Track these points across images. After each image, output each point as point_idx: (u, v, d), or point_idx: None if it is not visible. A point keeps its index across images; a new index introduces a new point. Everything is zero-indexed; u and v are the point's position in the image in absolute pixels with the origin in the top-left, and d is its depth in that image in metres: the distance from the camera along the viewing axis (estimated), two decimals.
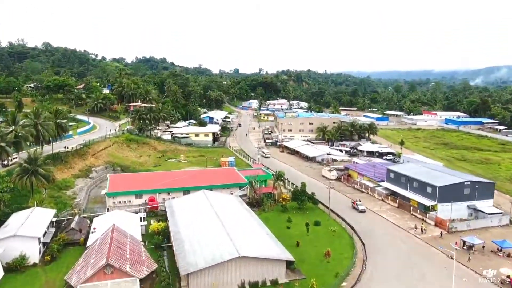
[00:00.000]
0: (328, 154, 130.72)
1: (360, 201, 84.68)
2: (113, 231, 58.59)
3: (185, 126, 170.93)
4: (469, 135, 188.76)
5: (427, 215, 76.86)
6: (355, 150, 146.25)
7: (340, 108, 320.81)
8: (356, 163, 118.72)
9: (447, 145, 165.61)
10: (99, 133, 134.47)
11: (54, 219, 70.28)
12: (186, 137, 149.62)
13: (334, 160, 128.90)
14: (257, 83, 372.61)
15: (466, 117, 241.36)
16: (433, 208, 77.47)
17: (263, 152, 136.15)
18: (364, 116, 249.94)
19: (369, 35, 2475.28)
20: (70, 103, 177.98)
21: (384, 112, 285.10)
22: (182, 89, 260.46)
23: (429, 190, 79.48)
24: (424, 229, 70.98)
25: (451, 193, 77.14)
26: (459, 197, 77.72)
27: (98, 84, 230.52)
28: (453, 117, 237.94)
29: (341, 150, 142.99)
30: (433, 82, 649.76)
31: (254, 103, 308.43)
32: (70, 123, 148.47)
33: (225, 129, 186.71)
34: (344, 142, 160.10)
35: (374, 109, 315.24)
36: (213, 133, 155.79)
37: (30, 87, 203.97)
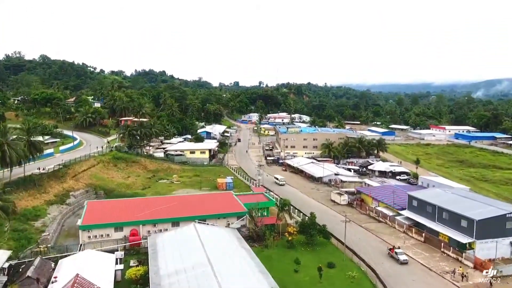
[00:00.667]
0: (336, 174, 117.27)
1: (399, 248, 66.51)
2: (74, 286, 45.00)
3: (180, 142, 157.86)
4: (484, 151, 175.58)
5: (464, 254, 63.11)
6: (364, 169, 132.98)
7: (336, 120, 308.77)
8: (368, 185, 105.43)
9: (462, 162, 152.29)
10: (85, 151, 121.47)
11: (8, 264, 56.48)
12: (181, 155, 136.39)
13: (342, 181, 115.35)
14: (257, 96, 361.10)
15: (476, 131, 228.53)
16: (471, 246, 63.77)
17: (277, 179, 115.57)
18: (368, 130, 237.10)
19: (368, 48, 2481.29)
20: (57, 117, 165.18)
21: (389, 126, 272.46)
22: (179, 103, 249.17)
23: (463, 223, 65.90)
24: (465, 275, 57.15)
25: (491, 228, 63.71)
26: (500, 232, 64.21)
27: (92, 97, 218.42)
28: (463, 131, 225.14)
29: (349, 169, 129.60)
30: (434, 95, 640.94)
31: (254, 117, 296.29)
32: (54, 140, 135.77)
33: (224, 145, 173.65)
34: (351, 160, 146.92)
35: (377, 123, 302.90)
36: (209, 150, 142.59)
37: (18, 100, 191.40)
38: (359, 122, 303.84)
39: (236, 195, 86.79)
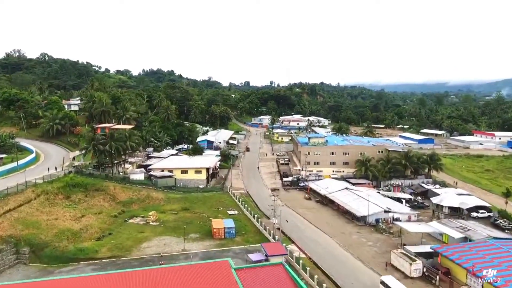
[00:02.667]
0: (386, 211, 78.07)
1: None
2: None
3: (171, 155, 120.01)
4: None
5: None
6: (420, 200, 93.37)
7: (365, 125, 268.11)
8: (442, 234, 66.14)
9: None
10: (31, 173, 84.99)
11: None
12: (167, 177, 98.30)
13: (393, 222, 76.50)
14: (269, 96, 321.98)
15: None
16: None
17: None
18: (400, 136, 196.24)
19: (381, 47, 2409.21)
20: (21, 123, 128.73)
21: (420, 131, 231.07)
22: (180, 104, 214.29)
23: None
24: None
25: None
26: None
27: (80, 98, 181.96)
28: None
29: (399, 200, 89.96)
30: (452, 95, 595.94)
31: (266, 120, 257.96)
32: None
33: (228, 157, 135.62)
34: (396, 181, 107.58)
35: (404, 126, 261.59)
36: (207, 169, 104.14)
37: None
38: (383, 126, 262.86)
39: (236, 270, 48.26)
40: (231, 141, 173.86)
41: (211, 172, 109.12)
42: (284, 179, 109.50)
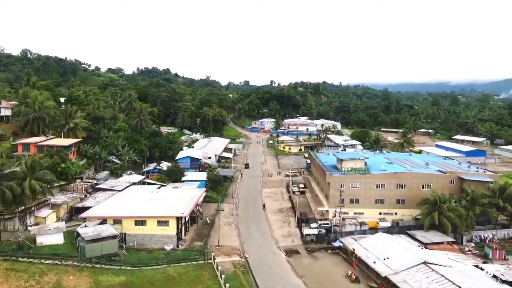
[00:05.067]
0: None
1: None
2: None
3: (131, 185, 76.45)
4: None
5: None
6: None
7: (382, 129, 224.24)
8: None
9: None
10: None
11: None
12: (106, 238, 54.43)
13: None
14: (271, 96, 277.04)
15: None
16: None
17: None
18: (437, 146, 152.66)
19: (381, 46, 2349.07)
20: None
21: (452, 137, 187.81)
22: (167, 106, 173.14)
23: None
24: None
25: None
26: None
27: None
28: None
29: None
30: (458, 94, 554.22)
31: (268, 123, 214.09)
32: None
33: (218, 183, 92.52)
34: (484, 233, 64.31)
35: (429, 131, 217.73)
36: (178, 219, 60.30)
37: None
38: (403, 131, 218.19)
39: None
40: (225, 154, 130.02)
41: (187, 219, 65.50)
42: (305, 230, 65.48)
